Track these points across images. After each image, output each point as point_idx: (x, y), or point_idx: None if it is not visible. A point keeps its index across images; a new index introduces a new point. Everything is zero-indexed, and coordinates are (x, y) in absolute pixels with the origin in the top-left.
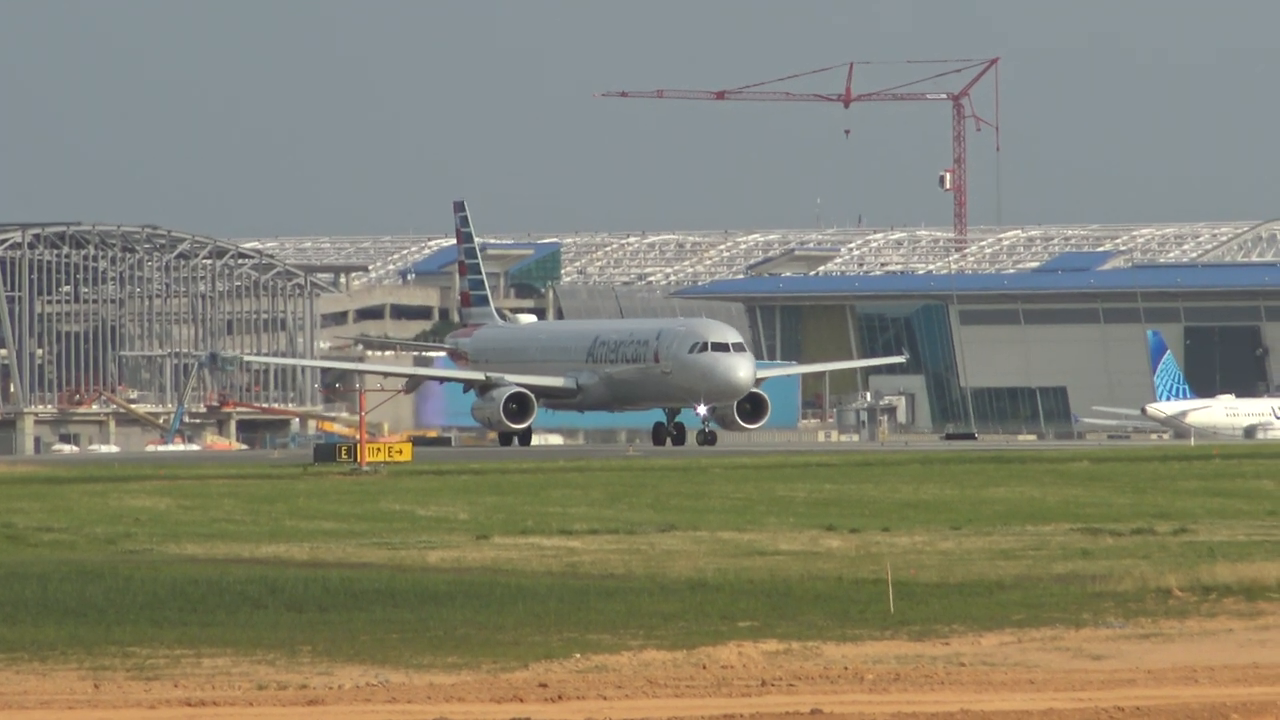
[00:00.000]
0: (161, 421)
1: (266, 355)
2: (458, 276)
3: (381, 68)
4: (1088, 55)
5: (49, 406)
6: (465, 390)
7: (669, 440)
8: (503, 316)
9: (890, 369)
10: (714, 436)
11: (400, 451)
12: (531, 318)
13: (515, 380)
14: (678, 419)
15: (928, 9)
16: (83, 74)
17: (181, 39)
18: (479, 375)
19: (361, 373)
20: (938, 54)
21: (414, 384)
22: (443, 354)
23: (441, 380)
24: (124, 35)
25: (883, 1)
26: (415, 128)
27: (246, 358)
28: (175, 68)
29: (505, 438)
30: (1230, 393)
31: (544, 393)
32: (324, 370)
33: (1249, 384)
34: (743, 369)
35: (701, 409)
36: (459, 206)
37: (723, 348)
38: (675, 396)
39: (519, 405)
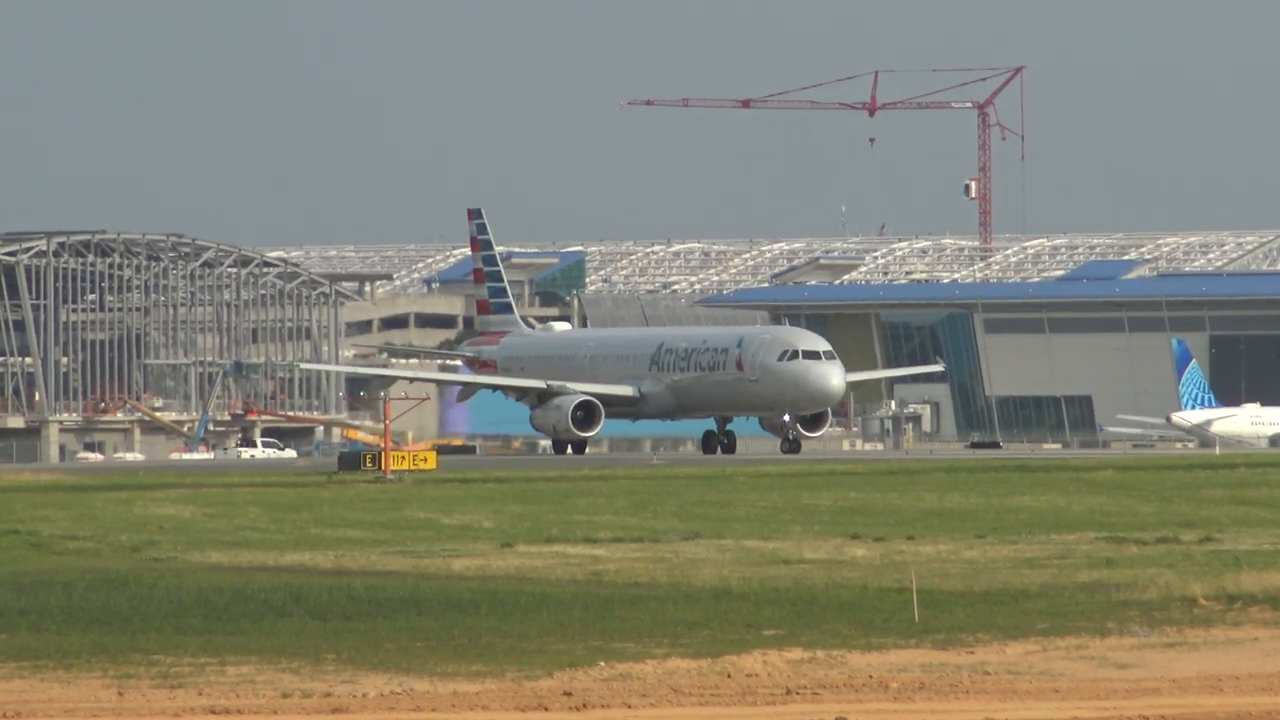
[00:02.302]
0: (186, 430)
1: (317, 363)
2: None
3: (407, 77)
4: (1113, 64)
5: (74, 415)
6: (518, 399)
7: (719, 449)
8: (529, 325)
9: (914, 377)
10: (799, 444)
11: (425, 460)
12: (566, 325)
13: (579, 388)
14: (729, 427)
15: (953, 18)
16: (107, 83)
17: (204, 50)
18: (539, 383)
19: (411, 379)
20: (963, 63)
21: (468, 392)
22: (457, 363)
23: (494, 388)
24: (147, 45)
25: (908, 10)
26: (440, 136)
27: (304, 366)
28: (199, 78)
29: (561, 445)
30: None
31: (605, 401)
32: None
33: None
34: (835, 377)
35: (787, 416)
36: (475, 214)
37: (814, 355)
38: (758, 405)
39: (585, 413)
